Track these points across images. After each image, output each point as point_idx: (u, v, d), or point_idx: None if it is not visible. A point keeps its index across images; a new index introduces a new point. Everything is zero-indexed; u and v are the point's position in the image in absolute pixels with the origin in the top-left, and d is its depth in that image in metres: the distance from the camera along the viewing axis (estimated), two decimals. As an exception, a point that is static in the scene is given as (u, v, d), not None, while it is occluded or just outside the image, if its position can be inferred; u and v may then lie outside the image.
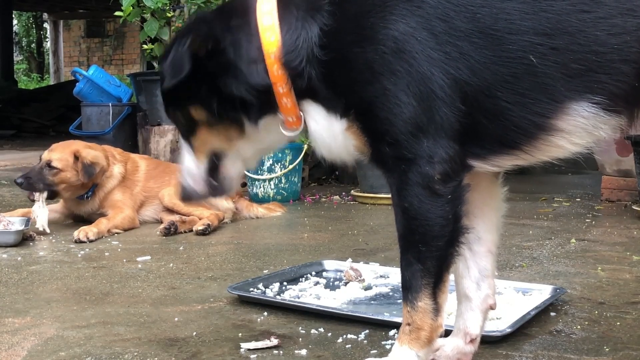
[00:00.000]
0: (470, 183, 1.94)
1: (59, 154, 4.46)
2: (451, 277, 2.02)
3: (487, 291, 2.20)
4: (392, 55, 1.83)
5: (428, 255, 1.89)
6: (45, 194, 4.36)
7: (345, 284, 3.11)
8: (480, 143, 1.87)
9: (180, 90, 2.04)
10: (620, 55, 1.75)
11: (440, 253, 1.90)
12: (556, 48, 1.77)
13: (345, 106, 1.93)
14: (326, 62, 1.92)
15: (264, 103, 2.01)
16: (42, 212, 4.30)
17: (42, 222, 4.28)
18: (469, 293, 2.19)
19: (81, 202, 4.60)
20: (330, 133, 1.99)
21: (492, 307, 2.23)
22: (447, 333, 2.19)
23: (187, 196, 2.19)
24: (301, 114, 2.02)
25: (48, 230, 4.32)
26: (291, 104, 2.00)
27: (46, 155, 4.48)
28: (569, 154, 1.89)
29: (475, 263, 2.18)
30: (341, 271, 3.23)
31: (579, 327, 2.60)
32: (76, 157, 4.47)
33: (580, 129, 1.82)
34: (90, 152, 4.55)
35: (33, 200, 4.38)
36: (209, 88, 2.02)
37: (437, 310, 1.93)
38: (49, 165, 4.41)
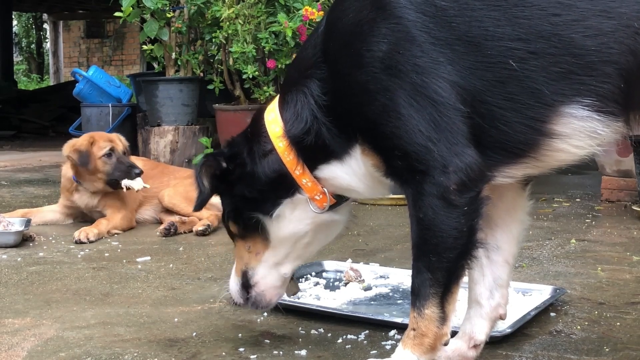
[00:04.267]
0: (490, 196, 1.94)
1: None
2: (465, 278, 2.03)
3: (499, 300, 2.21)
4: (382, 73, 1.88)
5: (438, 266, 1.90)
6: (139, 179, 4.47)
7: (345, 284, 3.11)
8: (487, 152, 1.88)
9: (223, 209, 2.27)
10: (599, 57, 1.77)
11: (451, 265, 1.90)
12: (534, 52, 1.79)
13: (354, 132, 1.99)
14: (329, 105, 2.02)
15: (279, 190, 2.14)
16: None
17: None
18: (481, 300, 2.20)
19: (86, 194, 4.59)
20: (354, 177, 2.07)
21: (502, 317, 2.24)
22: (453, 334, 2.19)
23: (235, 304, 2.42)
24: (324, 189, 2.12)
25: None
26: (311, 182, 2.12)
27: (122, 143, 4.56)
28: (577, 157, 1.89)
29: (491, 271, 2.19)
30: (341, 272, 3.23)
31: (578, 327, 2.60)
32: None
33: (578, 132, 1.83)
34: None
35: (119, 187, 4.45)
36: (234, 199, 2.21)
37: (443, 319, 1.94)
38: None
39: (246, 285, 2.30)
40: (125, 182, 4.37)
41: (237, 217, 2.23)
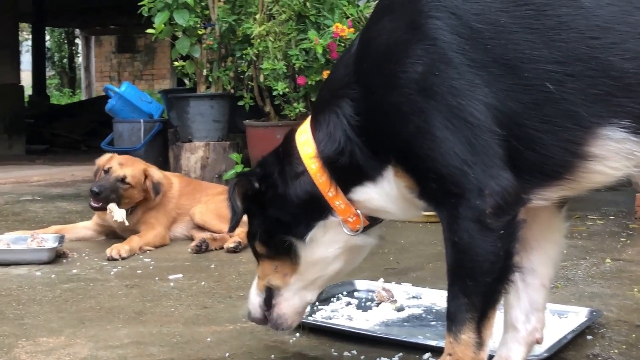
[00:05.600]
0: (525, 219, 1.92)
1: (133, 171, 4.53)
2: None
3: (536, 325, 2.17)
4: (417, 95, 1.86)
5: (475, 290, 1.87)
6: (123, 212, 4.43)
7: (378, 304, 3.09)
8: (523, 175, 1.86)
9: (250, 228, 2.26)
10: (637, 79, 1.75)
11: (487, 289, 1.88)
12: (572, 75, 1.78)
13: (387, 153, 1.98)
14: (362, 126, 2.00)
15: (312, 213, 2.12)
16: (119, 211, 4.40)
17: (121, 216, 4.38)
18: (517, 324, 2.17)
19: None
20: (387, 198, 2.06)
21: (538, 342, 2.20)
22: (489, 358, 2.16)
23: (251, 318, 2.36)
24: (358, 211, 2.10)
25: (127, 223, 4.42)
26: (345, 204, 2.10)
27: (117, 169, 4.51)
28: (613, 179, 1.87)
29: (527, 295, 2.16)
30: (373, 291, 3.21)
31: (616, 351, 2.55)
32: (145, 176, 4.55)
33: (615, 153, 1.81)
34: (156, 171, 4.69)
35: (96, 209, 4.46)
36: (266, 221, 2.19)
37: (480, 344, 1.91)
38: (122, 180, 4.46)
39: (267, 303, 2.28)
40: (111, 206, 4.41)
41: (268, 239, 2.21)
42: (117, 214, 4.38)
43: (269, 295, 2.27)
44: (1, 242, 4.21)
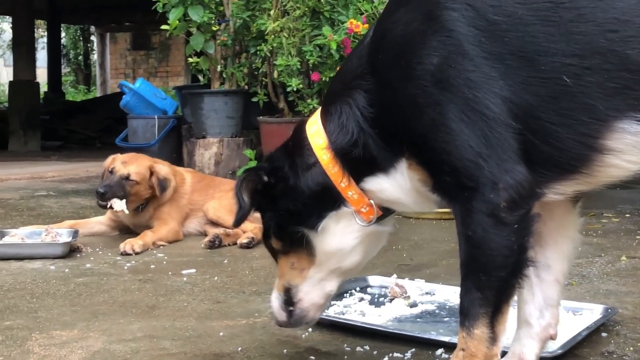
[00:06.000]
0: (540, 213, 1.90)
1: (137, 169, 4.54)
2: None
3: (550, 320, 2.15)
4: (432, 87, 1.84)
5: (488, 285, 1.85)
6: (123, 201, 4.45)
7: (390, 300, 3.08)
8: (538, 169, 1.84)
9: (264, 225, 2.24)
10: None
11: (501, 284, 1.86)
12: (589, 68, 1.76)
13: (400, 145, 1.96)
14: (375, 117, 1.98)
15: (324, 203, 2.10)
16: (118, 201, 4.43)
17: (120, 205, 4.41)
18: (531, 320, 2.15)
19: (134, 214, 4.64)
20: (400, 190, 2.03)
21: (552, 338, 2.18)
22: (503, 354, 2.14)
23: (277, 322, 2.33)
24: (371, 201, 2.08)
25: (127, 211, 4.46)
26: (358, 194, 2.08)
27: (121, 167, 4.52)
28: (630, 173, 1.84)
29: (541, 290, 2.14)
30: (386, 287, 3.20)
31: (631, 348, 2.53)
32: (151, 172, 4.56)
33: (632, 147, 1.79)
34: (163, 167, 4.68)
35: (104, 207, 4.48)
36: (277, 214, 2.17)
37: (493, 339, 1.89)
38: (127, 177, 4.48)
39: (288, 301, 2.25)
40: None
41: (281, 233, 2.19)
42: (117, 204, 4.41)
43: (289, 296, 2.24)
44: (16, 236, 4.23)
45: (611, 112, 1.76)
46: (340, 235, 2.13)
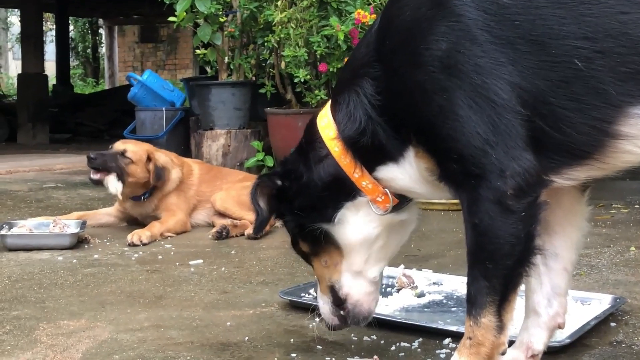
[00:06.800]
0: (547, 201, 1.88)
1: (134, 148, 4.55)
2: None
3: (558, 309, 2.14)
4: (440, 73, 1.82)
5: (495, 273, 1.84)
6: (114, 175, 4.43)
7: (398, 290, 3.08)
8: (549, 155, 1.81)
9: (290, 232, 2.22)
10: None
11: (508, 272, 1.84)
12: (601, 51, 1.73)
13: (407, 133, 1.94)
14: (383, 105, 1.96)
15: (338, 195, 2.07)
16: (114, 183, 4.44)
17: (115, 187, 4.43)
18: (539, 309, 2.14)
19: (137, 203, 4.65)
20: (410, 179, 2.01)
21: (560, 327, 2.17)
22: (510, 343, 2.13)
23: (331, 327, 2.28)
24: (386, 190, 2.05)
25: (120, 197, 4.50)
26: (372, 184, 2.05)
27: (120, 145, 4.53)
28: None
29: (549, 279, 2.12)
30: (393, 277, 3.19)
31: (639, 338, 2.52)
32: (149, 158, 4.55)
33: None
34: (162, 156, 4.66)
35: (95, 182, 4.47)
36: (295, 215, 2.14)
37: (500, 328, 1.87)
38: (123, 154, 4.47)
39: (337, 301, 2.20)
40: (108, 178, 4.47)
41: (303, 232, 2.16)
42: (111, 185, 4.42)
43: (335, 294, 2.19)
44: (24, 227, 4.24)
45: (624, 98, 1.74)
46: (360, 225, 2.10)
